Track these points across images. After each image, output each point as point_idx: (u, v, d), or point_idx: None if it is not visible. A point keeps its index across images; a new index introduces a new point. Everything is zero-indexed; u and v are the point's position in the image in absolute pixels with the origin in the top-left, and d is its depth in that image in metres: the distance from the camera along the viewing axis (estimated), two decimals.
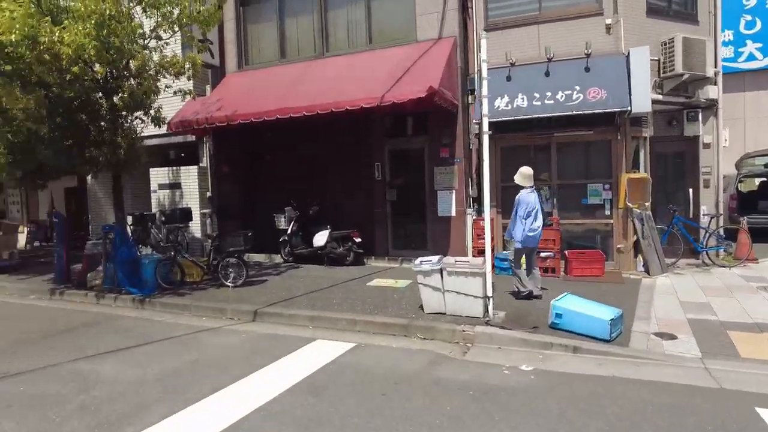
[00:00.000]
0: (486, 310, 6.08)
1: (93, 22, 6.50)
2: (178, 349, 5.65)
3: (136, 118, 8.39)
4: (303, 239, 10.59)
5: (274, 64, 11.19)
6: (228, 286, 8.36)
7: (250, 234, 8.49)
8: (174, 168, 12.16)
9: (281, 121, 9.51)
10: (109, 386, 4.57)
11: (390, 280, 8.30)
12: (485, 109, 6.08)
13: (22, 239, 15.21)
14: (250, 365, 5.01)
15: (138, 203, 14.13)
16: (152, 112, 8.38)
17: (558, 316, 5.56)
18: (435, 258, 6.39)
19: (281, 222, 10.64)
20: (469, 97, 9.65)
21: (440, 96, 8.26)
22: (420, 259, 6.40)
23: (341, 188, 10.83)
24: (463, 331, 5.80)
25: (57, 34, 6.38)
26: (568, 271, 8.31)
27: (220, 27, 11.17)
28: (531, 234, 6.64)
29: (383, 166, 10.22)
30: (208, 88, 11.78)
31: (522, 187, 6.77)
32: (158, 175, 12.32)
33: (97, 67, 7.14)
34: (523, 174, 6.77)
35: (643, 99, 7.99)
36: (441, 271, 6.17)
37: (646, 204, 8.62)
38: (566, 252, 8.44)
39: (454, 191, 9.29)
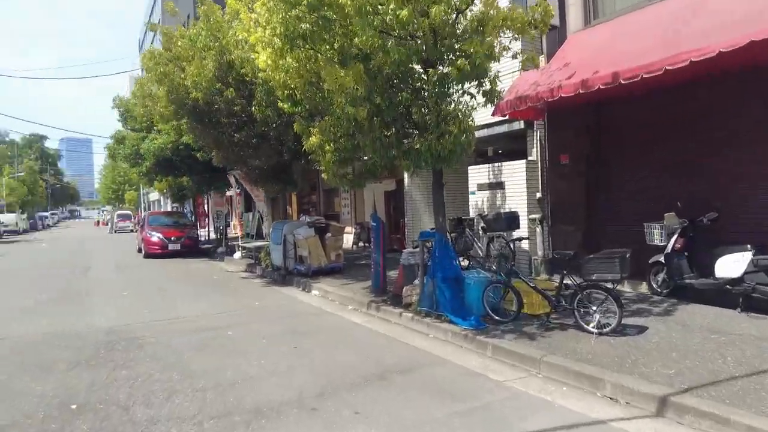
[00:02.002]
0: None
1: None
2: None
3: (463, 93, 6.33)
4: (691, 263, 6.82)
5: (638, 8, 7.73)
6: (591, 332, 5.44)
7: (628, 256, 5.37)
8: (497, 164, 10.00)
9: (657, 83, 6.21)
10: None
11: None
12: None
13: (348, 240, 15.85)
14: None
15: (452, 207, 12.66)
16: (487, 82, 6.14)
17: None
18: None
19: (654, 235, 7.10)
20: None
21: None
22: None
23: (763, 183, 6.58)
24: None
25: None
26: None
27: None
28: None
29: None
30: (542, 58, 9.19)
31: None
32: (477, 174, 10.39)
33: (433, 10, 5.24)
34: None
35: None
36: None
37: None
38: None
39: None
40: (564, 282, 5.91)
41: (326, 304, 8.64)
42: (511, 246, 7.57)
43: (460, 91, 6.29)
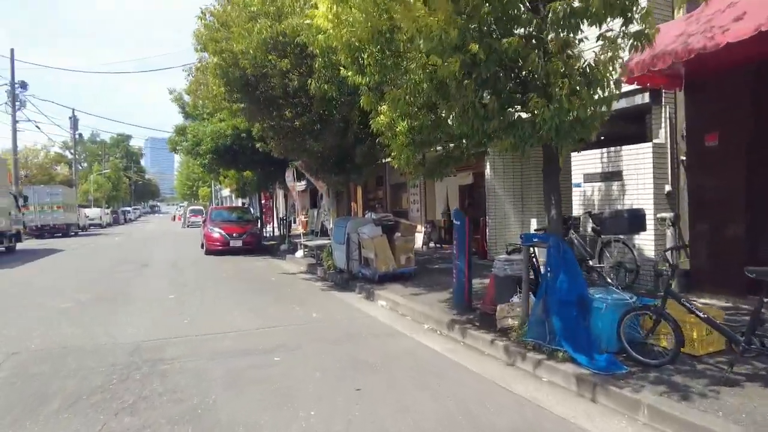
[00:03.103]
0: None
1: None
2: None
3: (599, 38, 4.45)
4: None
5: None
6: None
7: None
8: (611, 149, 7.95)
9: None
10: None
11: None
12: None
13: (418, 240, 14.22)
14: None
15: (541, 202, 10.68)
16: (636, 18, 4.25)
17: None
18: None
19: None
20: None
21: None
22: None
23: None
24: None
25: None
26: None
27: None
28: None
29: None
30: (679, 11, 7.08)
31: None
32: (585, 161, 8.39)
33: None
34: None
35: None
36: None
37: None
38: None
39: None
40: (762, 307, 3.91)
41: (396, 319, 7.05)
42: (668, 256, 5.61)
43: (597, 35, 4.45)
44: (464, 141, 6.06)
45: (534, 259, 6.07)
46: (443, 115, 5.31)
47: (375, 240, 9.55)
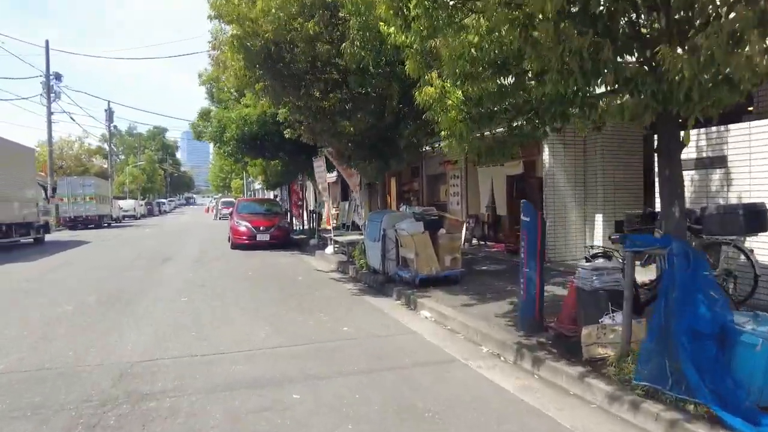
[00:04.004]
0: None
1: None
2: None
3: None
4: None
5: None
6: None
7: None
8: (712, 129, 6.38)
9: None
10: None
11: None
12: None
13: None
14: None
15: (620, 195, 9.19)
16: None
17: None
18: None
19: None
20: None
21: None
22: None
23: None
24: None
25: None
26: None
27: None
28: None
29: None
30: None
31: None
32: None
33: None
34: None
35: None
36: None
37: None
38: None
39: None
40: None
41: (445, 338, 5.74)
42: None
43: None
44: (538, 113, 4.69)
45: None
46: (528, 69, 3.93)
47: (416, 237, 8.25)
